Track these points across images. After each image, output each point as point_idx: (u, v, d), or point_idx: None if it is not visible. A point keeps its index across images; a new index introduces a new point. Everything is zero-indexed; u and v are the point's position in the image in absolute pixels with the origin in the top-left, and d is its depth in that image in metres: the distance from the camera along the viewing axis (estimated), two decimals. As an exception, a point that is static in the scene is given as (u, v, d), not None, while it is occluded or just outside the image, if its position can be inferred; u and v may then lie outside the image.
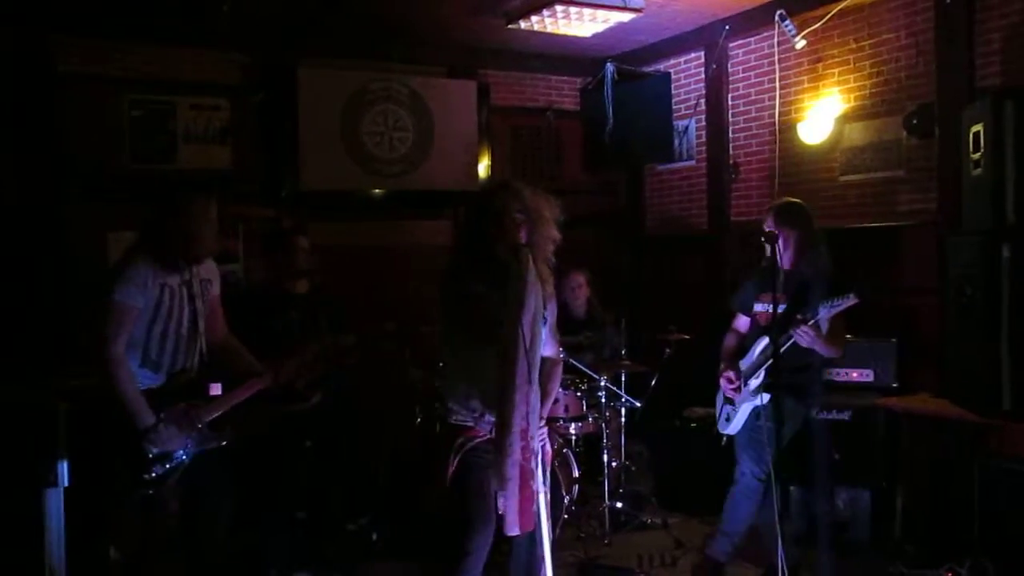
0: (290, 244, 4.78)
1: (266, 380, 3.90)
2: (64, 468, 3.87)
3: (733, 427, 4.42)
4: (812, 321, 3.96)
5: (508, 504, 3.06)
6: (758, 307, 4.37)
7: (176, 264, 3.64)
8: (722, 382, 4.43)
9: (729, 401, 4.44)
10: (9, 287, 5.36)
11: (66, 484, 3.89)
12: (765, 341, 4.16)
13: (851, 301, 3.89)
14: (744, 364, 4.36)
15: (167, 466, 3.57)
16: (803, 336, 3.97)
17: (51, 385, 4.31)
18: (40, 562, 3.85)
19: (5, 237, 5.44)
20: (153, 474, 3.53)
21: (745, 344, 4.43)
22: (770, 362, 4.01)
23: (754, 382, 4.24)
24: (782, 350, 3.84)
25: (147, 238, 3.63)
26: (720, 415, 4.53)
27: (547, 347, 3.34)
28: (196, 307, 3.72)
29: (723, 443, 4.56)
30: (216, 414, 3.72)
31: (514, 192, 3.22)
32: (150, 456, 3.52)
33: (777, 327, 3.87)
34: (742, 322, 4.54)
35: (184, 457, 3.61)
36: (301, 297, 4.75)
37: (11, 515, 3.84)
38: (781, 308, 3.97)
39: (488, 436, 3.21)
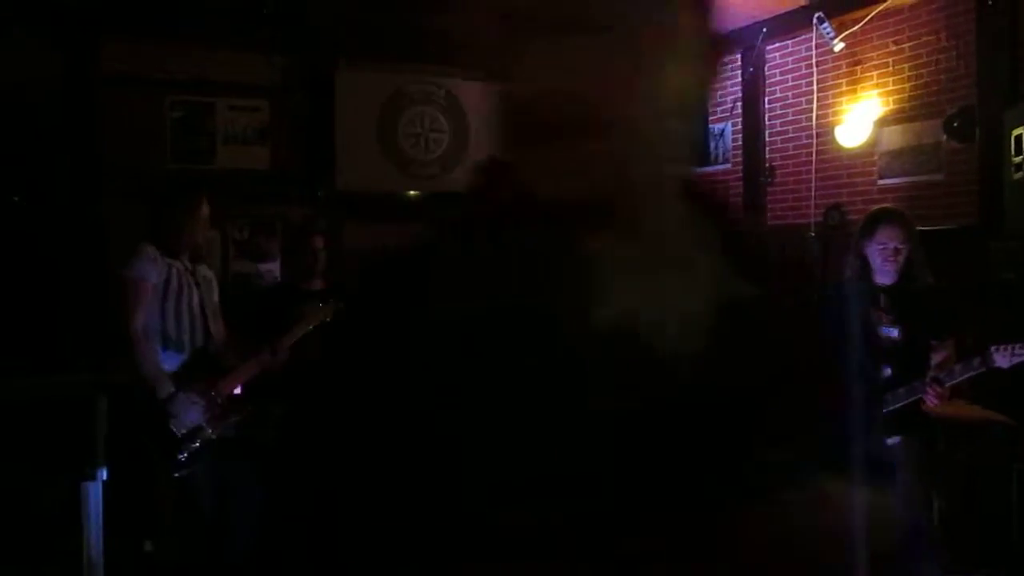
0: (305, 244, 4.82)
1: (264, 357, 3.95)
2: (103, 461, 3.94)
3: None
4: (983, 368, 3.47)
5: None
6: None
7: (175, 252, 3.81)
8: None
9: None
10: (53, 283, 5.47)
11: (104, 478, 3.96)
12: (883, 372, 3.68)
13: None
14: None
15: (196, 445, 3.68)
16: (940, 397, 3.53)
17: (91, 378, 4.40)
18: (78, 555, 3.91)
19: (52, 235, 5.56)
20: (184, 455, 3.63)
21: None
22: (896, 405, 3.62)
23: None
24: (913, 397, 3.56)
25: (147, 229, 3.84)
26: None
27: None
28: (202, 294, 3.89)
29: None
30: (234, 387, 3.84)
31: None
32: (179, 436, 3.62)
33: (902, 356, 3.58)
34: None
35: (212, 435, 3.73)
36: (316, 293, 4.81)
37: (50, 508, 3.91)
38: (886, 332, 3.65)
39: None
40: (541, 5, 0.74)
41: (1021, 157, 4.20)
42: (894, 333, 3.75)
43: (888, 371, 3.71)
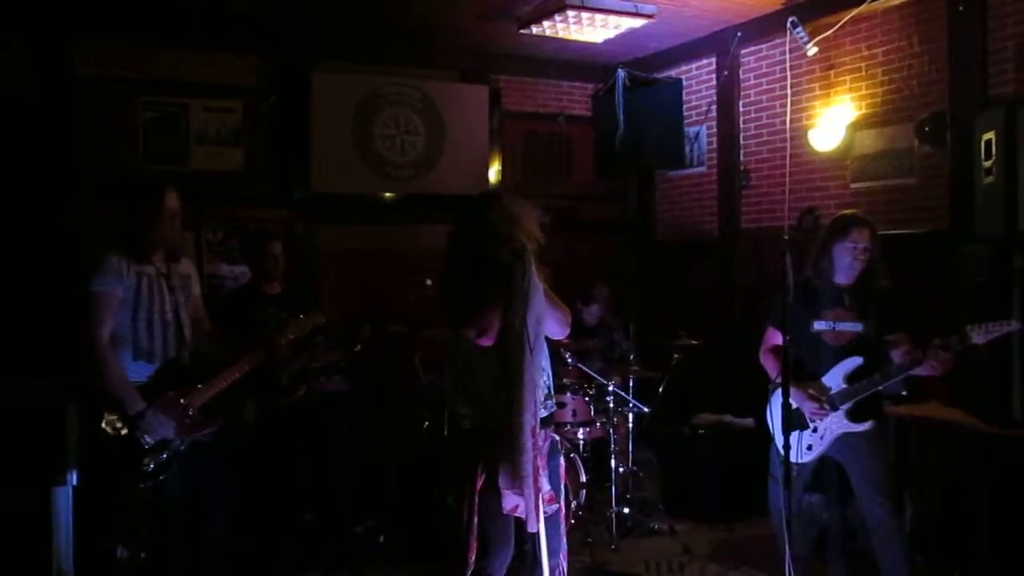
0: (263, 249, 4.87)
1: (260, 355, 3.92)
2: (73, 467, 3.89)
3: (813, 455, 4.02)
4: (960, 346, 3.61)
5: (527, 501, 3.08)
6: (820, 325, 3.98)
7: (144, 254, 3.71)
8: (809, 406, 3.91)
9: (803, 426, 3.98)
10: (25, 285, 5.41)
11: (75, 483, 3.91)
12: (854, 362, 3.88)
13: (1013, 327, 3.60)
14: (832, 385, 3.93)
15: (164, 456, 3.63)
16: (941, 364, 3.65)
17: (62, 384, 4.34)
18: (48, 562, 3.86)
19: (24, 236, 5.49)
20: (151, 465, 3.59)
21: (804, 363, 4.00)
22: (881, 386, 3.82)
23: (845, 405, 3.88)
24: (902, 374, 3.74)
25: (115, 233, 3.74)
26: (799, 443, 3.96)
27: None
28: (177, 298, 3.79)
29: (795, 474, 3.86)
30: (207, 398, 3.76)
31: (497, 201, 3.30)
32: (146, 447, 3.58)
33: (871, 347, 3.78)
34: (779, 339, 3.93)
35: (180, 446, 3.67)
36: (275, 297, 4.82)
37: (19, 514, 3.86)
38: (852, 327, 3.88)
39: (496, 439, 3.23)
40: None
41: (991, 161, 4.24)
42: (859, 328, 3.92)
43: (861, 360, 3.89)
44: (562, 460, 3.51)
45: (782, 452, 3.71)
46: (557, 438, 3.46)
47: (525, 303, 2.95)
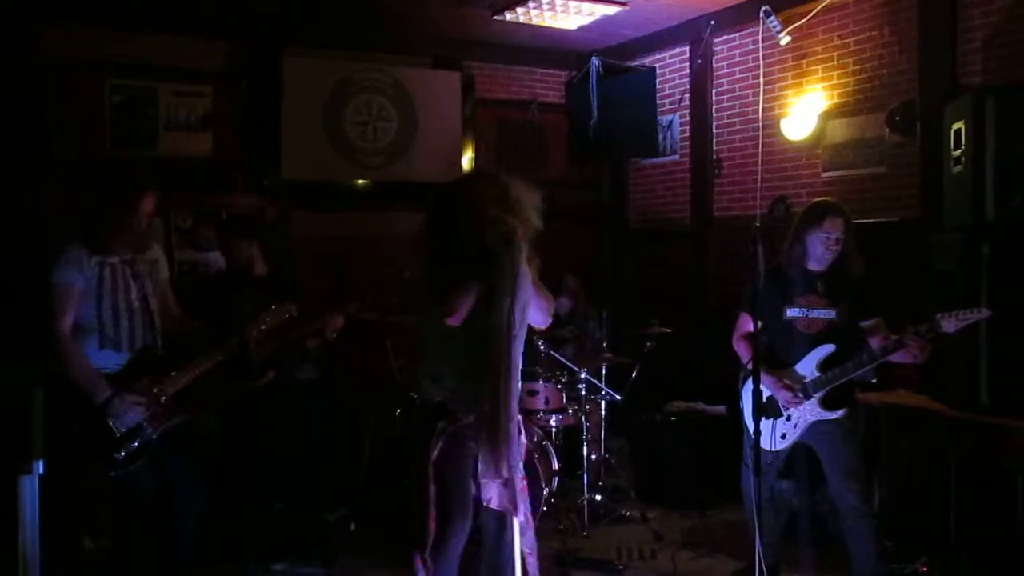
0: (230, 247, 4.88)
1: (232, 345, 3.89)
2: (39, 455, 3.83)
3: (787, 443, 4.04)
4: (931, 334, 3.63)
5: (511, 489, 3.08)
6: (793, 312, 4.00)
7: (108, 251, 3.66)
8: (783, 395, 3.92)
9: (777, 414, 4.00)
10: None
11: (41, 472, 3.86)
12: (827, 349, 3.90)
13: (982, 315, 3.64)
14: (806, 373, 3.95)
15: (135, 444, 3.60)
16: (920, 350, 3.65)
17: (28, 370, 4.27)
18: (13, 553, 3.80)
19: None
20: (122, 453, 3.56)
21: (776, 350, 4.04)
22: (855, 374, 3.85)
23: (818, 394, 3.90)
24: (877, 361, 3.77)
25: (83, 223, 3.70)
26: (773, 431, 4.01)
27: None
28: (144, 285, 3.75)
29: (768, 462, 3.97)
30: (179, 386, 3.74)
31: (490, 180, 3.23)
32: (118, 435, 3.55)
33: (843, 334, 3.82)
34: (752, 325, 3.75)
35: (152, 435, 3.65)
36: (258, 280, 4.80)
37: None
38: (825, 314, 3.90)
39: (466, 420, 3.21)
40: None
41: (960, 151, 4.28)
42: (832, 315, 3.95)
43: (834, 348, 3.92)
44: (524, 439, 3.50)
45: (753, 439, 3.74)
46: (520, 418, 3.44)
47: (513, 291, 2.92)
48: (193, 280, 5.88)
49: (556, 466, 5.15)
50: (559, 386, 5.47)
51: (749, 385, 3.71)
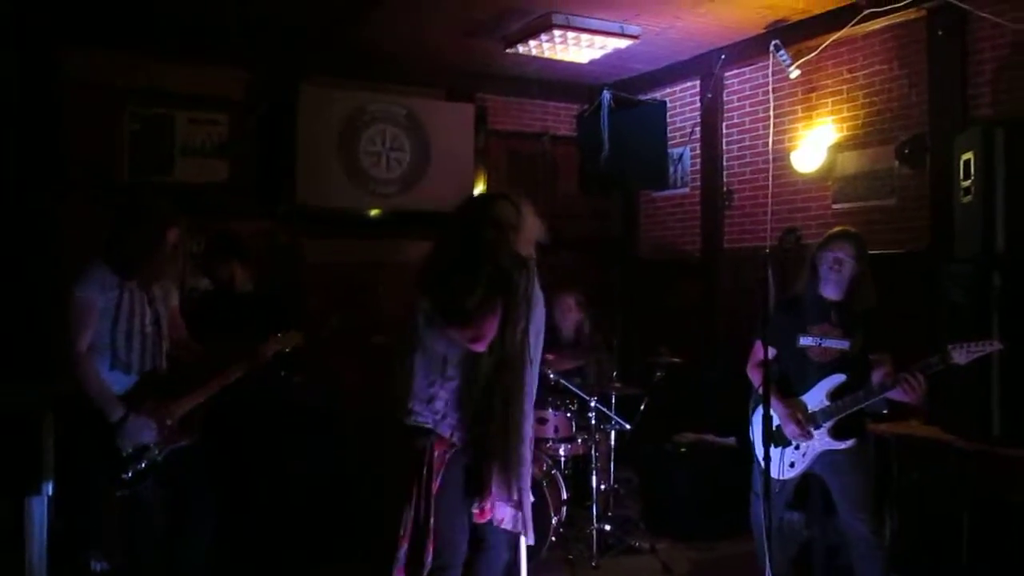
0: (213, 269, 5.05)
1: (243, 367, 3.90)
2: (48, 477, 3.85)
3: (796, 471, 4.01)
4: (942, 365, 3.58)
5: (526, 513, 3.07)
6: (806, 340, 3.98)
7: (132, 278, 3.69)
8: (791, 428, 3.90)
9: (786, 442, 3.98)
10: (6, 290, 5.37)
11: (50, 493, 3.87)
12: (837, 379, 3.87)
13: (994, 347, 3.59)
14: (812, 404, 3.93)
15: (142, 465, 3.61)
16: (913, 391, 3.62)
17: (38, 391, 4.30)
18: (21, 574, 3.80)
19: (6, 240, 5.45)
20: (129, 473, 3.56)
21: (789, 377, 4.02)
22: (861, 405, 3.81)
23: (827, 423, 3.87)
24: (875, 397, 3.74)
25: (106, 246, 3.69)
26: (781, 460, 3.99)
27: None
28: (157, 310, 3.79)
29: (776, 490, 3.93)
30: (185, 410, 3.75)
31: (513, 202, 3.20)
32: (124, 455, 3.57)
33: (855, 364, 3.80)
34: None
35: (158, 456, 3.66)
36: (245, 297, 4.92)
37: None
38: (838, 344, 3.87)
39: (454, 443, 3.16)
40: None
41: (969, 181, 4.29)
42: (845, 345, 3.92)
43: (844, 378, 3.88)
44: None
45: (763, 465, 3.72)
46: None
47: (528, 314, 2.93)
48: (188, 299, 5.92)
49: (565, 495, 5.12)
50: (568, 415, 5.46)
51: (759, 411, 3.69)
